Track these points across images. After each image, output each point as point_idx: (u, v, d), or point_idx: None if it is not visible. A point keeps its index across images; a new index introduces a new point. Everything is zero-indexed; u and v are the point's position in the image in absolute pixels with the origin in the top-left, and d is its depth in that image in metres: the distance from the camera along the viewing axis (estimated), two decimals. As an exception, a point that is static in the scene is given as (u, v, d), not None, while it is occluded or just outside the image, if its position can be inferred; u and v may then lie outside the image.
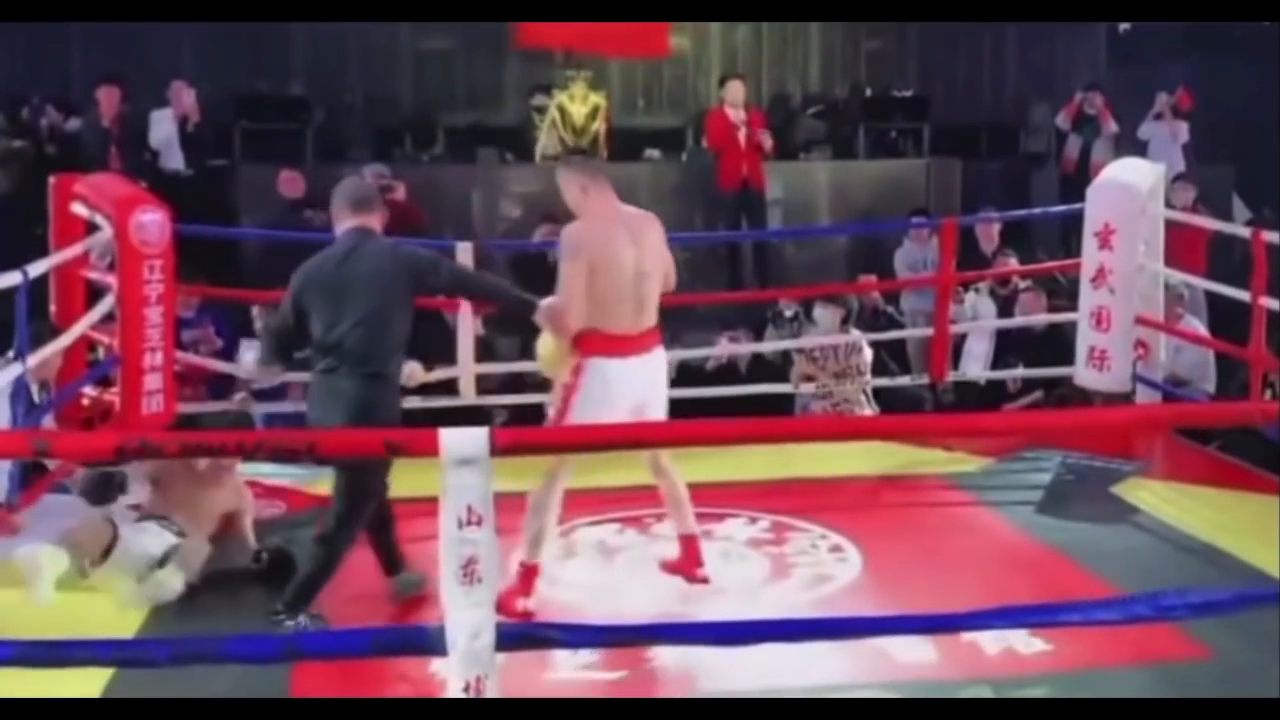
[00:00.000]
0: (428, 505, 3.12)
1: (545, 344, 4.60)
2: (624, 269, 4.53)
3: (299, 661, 3.80)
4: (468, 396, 6.89)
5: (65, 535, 4.72)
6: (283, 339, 4.66)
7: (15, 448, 3.96)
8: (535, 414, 7.03)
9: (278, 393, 6.63)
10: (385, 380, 4.49)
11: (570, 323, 4.49)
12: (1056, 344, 7.55)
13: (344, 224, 4.58)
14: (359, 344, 4.38)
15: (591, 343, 4.52)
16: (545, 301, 4.50)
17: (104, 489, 5.37)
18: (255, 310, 7.70)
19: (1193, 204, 9.45)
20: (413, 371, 6.81)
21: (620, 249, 4.53)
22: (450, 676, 3.06)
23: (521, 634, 3.15)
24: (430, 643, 3.09)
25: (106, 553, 4.66)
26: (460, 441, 2.95)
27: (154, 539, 4.78)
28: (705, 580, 4.79)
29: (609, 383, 4.50)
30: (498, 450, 2.97)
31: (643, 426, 3.41)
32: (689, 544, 4.83)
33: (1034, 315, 8.09)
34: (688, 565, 4.82)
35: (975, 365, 8.16)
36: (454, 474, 2.95)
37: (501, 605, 3.71)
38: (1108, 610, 3.36)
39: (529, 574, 4.58)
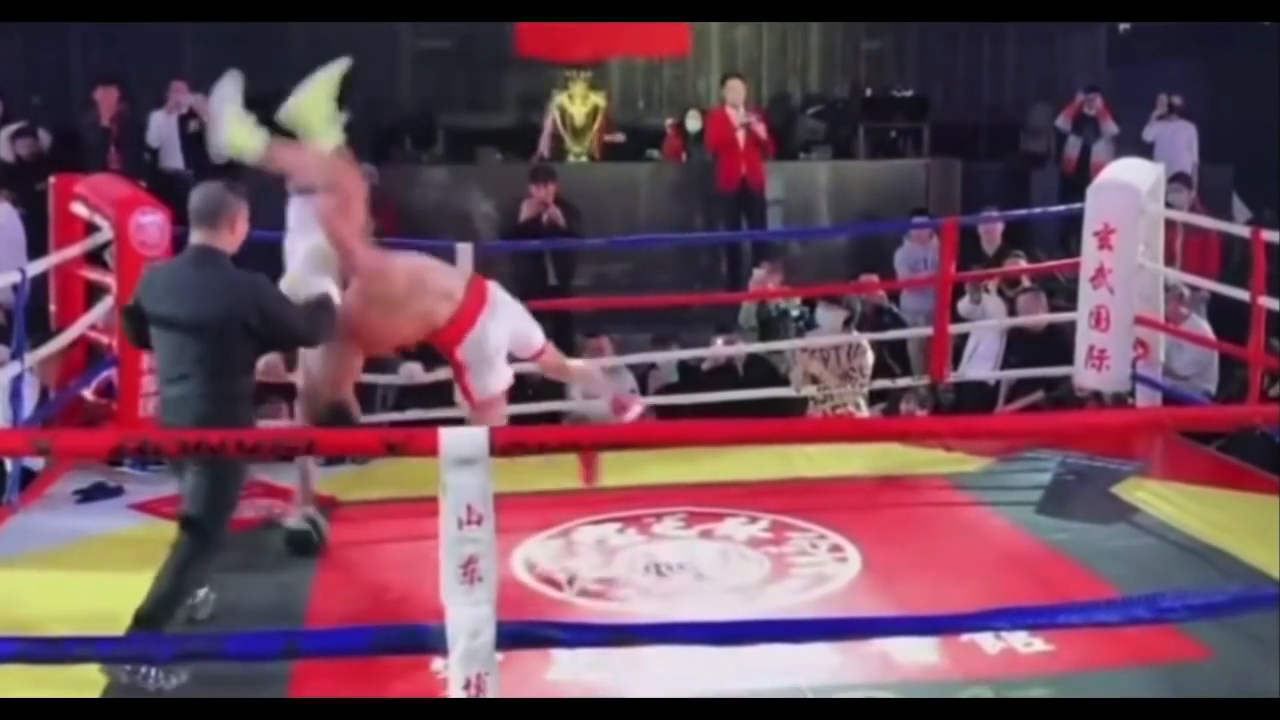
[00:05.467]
0: (428, 505, 3.12)
1: None
2: None
3: (298, 660, 3.80)
4: (464, 405, 6.83)
5: None
6: None
7: (15, 446, 3.96)
8: (534, 415, 7.04)
9: None
10: None
11: None
12: (1056, 344, 7.55)
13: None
14: None
15: None
16: None
17: None
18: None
19: (1188, 205, 9.45)
20: (412, 372, 6.85)
21: None
22: (451, 675, 3.06)
23: (521, 633, 3.15)
24: (430, 641, 3.09)
25: None
26: (460, 441, 2.95)
27: None
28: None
29: None
30: (497, 450, 2.97)
31: (643, 427, 3.41)
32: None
33: (1033, 315, 8.09)
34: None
35: (986, 365, 8.14)
36: (453, 473, 2.95)
37: None
38: (1107, 611, 3.37)
39: None
